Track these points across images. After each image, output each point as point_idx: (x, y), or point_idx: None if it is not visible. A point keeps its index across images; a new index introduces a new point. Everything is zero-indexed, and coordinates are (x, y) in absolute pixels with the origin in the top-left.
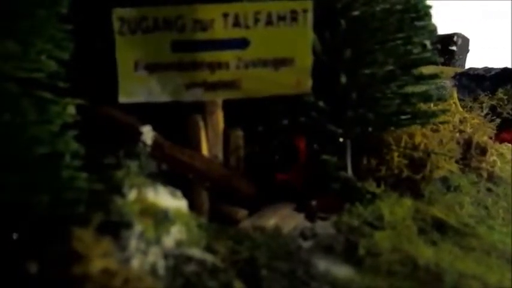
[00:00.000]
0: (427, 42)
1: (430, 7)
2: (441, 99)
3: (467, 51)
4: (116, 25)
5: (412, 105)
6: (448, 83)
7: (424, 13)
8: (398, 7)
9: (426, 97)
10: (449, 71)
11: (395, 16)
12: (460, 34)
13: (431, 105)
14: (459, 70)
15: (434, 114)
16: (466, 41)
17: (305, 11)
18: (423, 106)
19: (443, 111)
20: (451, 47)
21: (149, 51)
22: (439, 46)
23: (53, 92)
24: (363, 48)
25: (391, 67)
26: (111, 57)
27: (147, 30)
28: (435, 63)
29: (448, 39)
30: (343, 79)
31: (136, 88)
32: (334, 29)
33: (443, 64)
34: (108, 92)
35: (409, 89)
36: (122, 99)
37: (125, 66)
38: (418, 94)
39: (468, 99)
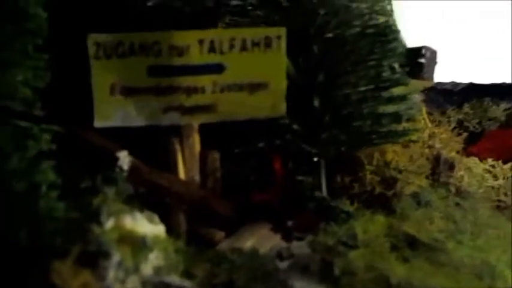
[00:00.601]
0: (396, 65)
1: (398, 31)
2: (411, 119)
3: (435, 63)
4: (92, 50)
5: (383, 126)
6: (418, 98)
7: (393, 37)
8: (370, 31)
9: (396, 118)
10: (419, 85)
11: (367, 39)
12: (428, 47)
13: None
14: (428, 84)
15: (404, 134)
16: (433, 53)
17: (279, 37)
18: (394, 125)
19: (413, 130)
20: (419, 60)
21: (125, 75)
22: (407, 69)
23: (29, 120)
24: (336, 70)
25: (363, 89)
26: (87, 82)
27: (123, 55)
28: (404, 84)
29: (417, 52)
30: (316, 102)
31: (112, 112)
32: (307, 54)
33: (413, 77)
34: (85, 116)
35: (380, 109)
36: (98, 123)
37: (100, 90)
38: (389, 115)
39: (436, 112)
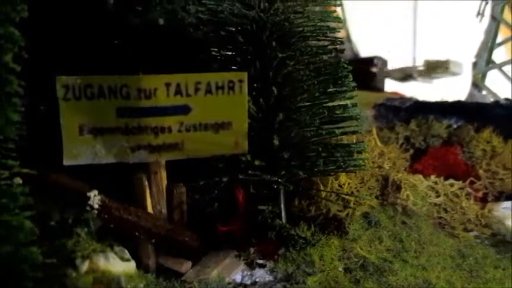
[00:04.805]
0: (348, 102)
1: (349, 68)
2: (361, 152)
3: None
4: (61, 92)
5: (338, 158)
6: (369, 113)
7: (344, 74)
8: (322, 71)
9: (348, 152)
10: (371, 98)
11: (320, 79)
12: (379, 57)
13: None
14: (379, 96)
15: (357, 165)
16: (384, 62)
17: (241, 81)
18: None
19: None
20: (371, 69)
21: (94, 116)
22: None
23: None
24: (292, 110)
25: (317, 126)
26: (57, 122)
27: (92, 97)
28: (356, 119)
29: (369, 61)
30: (276, 141)
31: (81, 151)
32: (267, 95)
33: (365, 86)
34: (54, 155)
35: (334, 143)
36: (67, 161)
37: (69, 130)
38: (342, 148)
39: (386, 128)
